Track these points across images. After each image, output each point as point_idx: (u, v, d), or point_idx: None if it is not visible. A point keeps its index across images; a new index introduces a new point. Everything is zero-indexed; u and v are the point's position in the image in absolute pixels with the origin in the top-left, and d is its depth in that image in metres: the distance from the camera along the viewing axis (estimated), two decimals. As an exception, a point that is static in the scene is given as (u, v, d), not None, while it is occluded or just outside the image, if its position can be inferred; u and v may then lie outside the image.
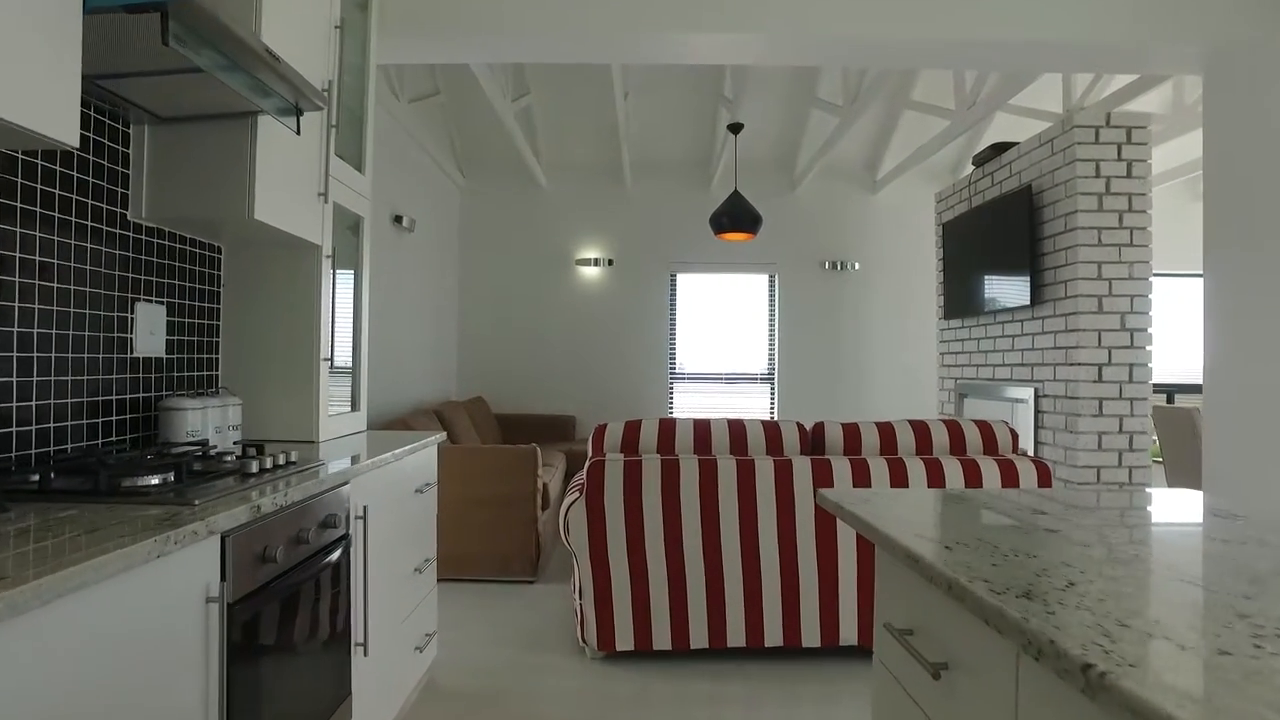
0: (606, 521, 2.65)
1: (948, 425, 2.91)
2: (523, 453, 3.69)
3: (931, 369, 6.85)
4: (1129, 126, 3.92)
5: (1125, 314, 3.90)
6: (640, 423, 2.83)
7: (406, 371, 5.14)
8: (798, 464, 2.70)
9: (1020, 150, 4.46)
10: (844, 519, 1.34)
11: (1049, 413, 4.14)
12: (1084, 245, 3.89)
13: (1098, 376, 3.88)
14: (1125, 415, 3.89)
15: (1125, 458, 3.89)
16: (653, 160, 6.72)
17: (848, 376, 6.84)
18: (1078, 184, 3.89)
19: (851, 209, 6.88)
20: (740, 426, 2.85)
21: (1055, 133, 4.07)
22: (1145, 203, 3.92)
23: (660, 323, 6.82)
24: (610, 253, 6.80)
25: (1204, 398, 3.00)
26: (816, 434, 2.90)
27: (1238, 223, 2.86)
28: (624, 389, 6.77)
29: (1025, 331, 4.39)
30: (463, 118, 6.08)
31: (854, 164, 6.83)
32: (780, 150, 6.61)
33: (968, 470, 2.74)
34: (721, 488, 2.66)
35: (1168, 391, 6.10)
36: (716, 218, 5.05)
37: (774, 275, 6.93)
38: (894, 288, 6.87)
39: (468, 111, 5.99)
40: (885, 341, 6.86)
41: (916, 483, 2.71)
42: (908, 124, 6.17)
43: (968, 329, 5.21)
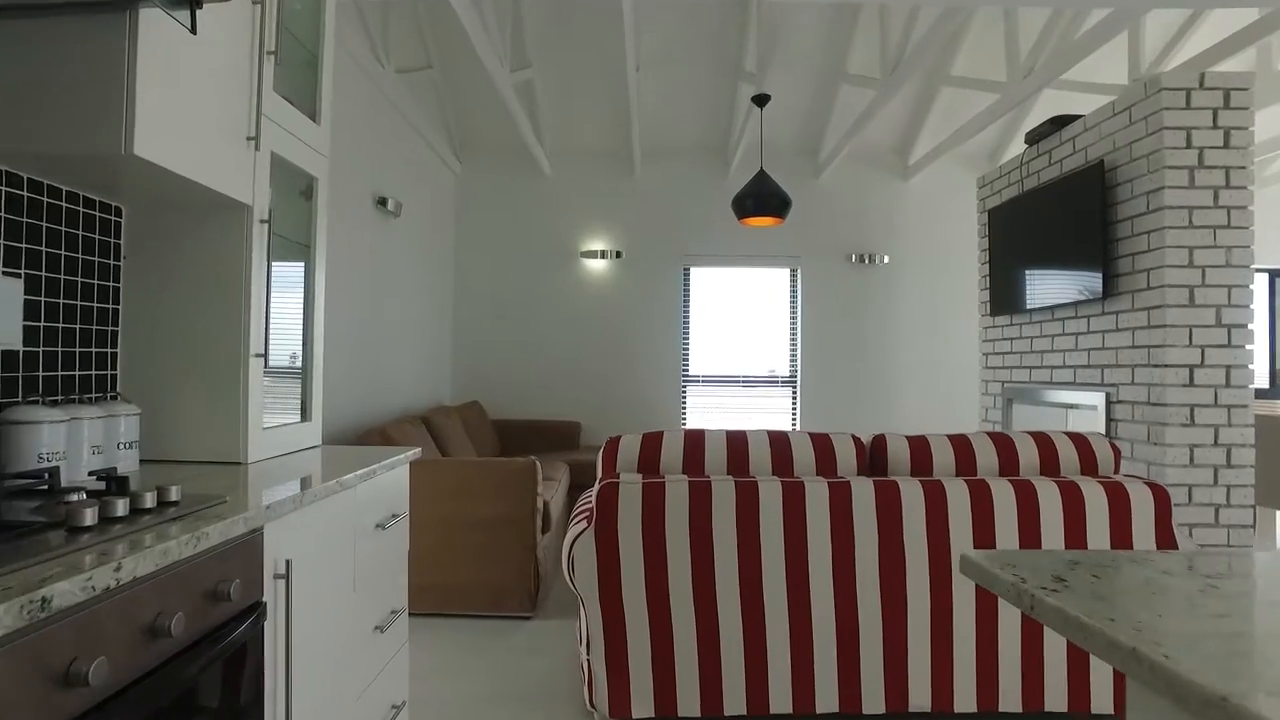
0: (621, 558, 2.12)
1: (1036, 439, 2.38)
2: (520, 468, 3.16)
3: (971, 372, 6.30)
4: (1227, 89, 3.38)
5: (1221, 307, 3.35)
6: (661, 436, 2.30)
7: (392, 373, 4.62)
8: (857, 487, 2.17)
9: (1087, 123, 3.92)
10: (1041, 618, 0.81)
11: (1125, 421, 3.60)
12: (1172, 228, 3.35)
13: (1189, 380, 3.34)
14: (1222, 425, 3.35)
15: (1222, 475, 3.35)
16: (665, 144, 6.19)
17: (877, 380, 6.30)
18: (1165, 156, 3.35)
19: (881, 197, 6.35)
20: (784, 440, 2.32)
21: (1135, 97, 3.53)
22: (1246, 177, 3.37)
23: (672, 320, 6.30)
24: (619, 244, 6.27)
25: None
26: (877, 449, 2.37)
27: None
28: (632, 393, 6.24)
29: (1093, 329, 3.85)
30: (459, 96, 5.57)
31: (884, 149, 6.29)
32: (805, 134, 6.07)
33: (1066, 496, 2.20)
34: (764, 517, 2.13)
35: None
36: (740, 200, 4.52)
37: (796, 269, 6.39)
38: (928, 282, 6.32)
39: (464, 89, 5.48)
40: (918, 341, 6.31)
41: (1005, 511, 2.18)
42: (945, 103, 5.63)
43: (1018, 326, 4.67)
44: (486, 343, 6.19)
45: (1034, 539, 2.18)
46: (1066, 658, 2.20)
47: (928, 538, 2.17)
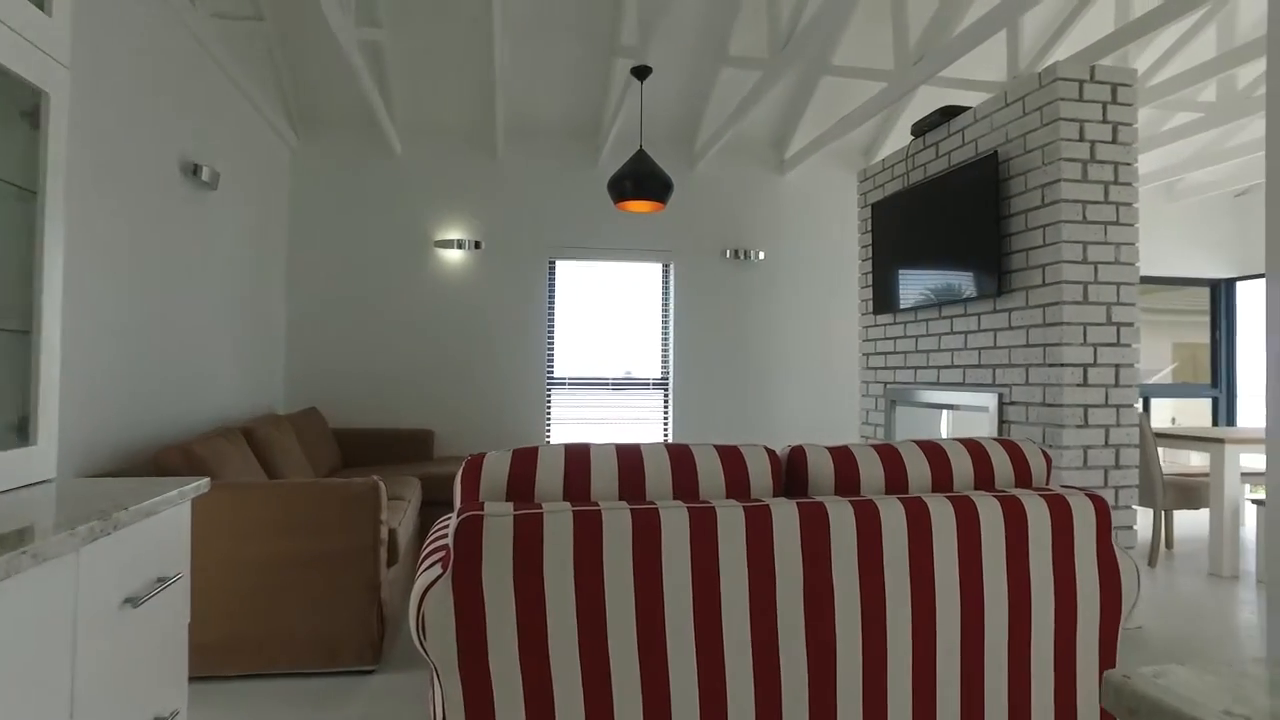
0: (487, 613, 1.65)
1: (969, 449, 2.09)
2: (359, 491, 2.60)
3: (853, 373, 6.19)
4: (1114, 83, 3.30)
5: (1111, 305, 3.26)
6: (536, 453, 1.84)
7: (205, 376, 3.89)
8: (778, 511, 1.79)
9: (977, 114, 3.78)
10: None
11: (1018, 423, 3.46)
12: (1068, 222, 3.22)
13: (1082, 379, 3.22)
14: (1111, 425, 3.25)
15: (1111, 476, 3.26)
16: (531, 124, 5.70)
17: (754, 382, 6.07)
18: (1060, 148, 3.22)
19: (757, 192, 6.13)
20: (687, 457, 1.91)
21: (1029, 88, 3.40)
22: (1132, 174, 3.30)
23: (536, 318, 5.82)
24: (478, 234, 5.73)
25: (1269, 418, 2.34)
26: (796, 465, 2.01)
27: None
28: (492, 397, 5.71)
29: (984, 327, 3.71)
30: (296, 59, 4.86)
31: (761, 141, 6.08)
32: (681, 120, 5.76)
33: (1008, 512, 1.92)
34: (667, 552, 1.71)
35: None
36: (618, 181, 4.12)
37: (669, 265, 6.08)
38: (806, 280, 6.16)
39: (302, 51, 4.78)
40: (797, 342, 6.14)
41: (944, 532, 1.87)
42: (824, 94, 5.47)
43: (902, 325, 4.52)
44: (327, 341, 5.48)
45: (975, 561, 1.89)
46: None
47: (859, 568, 1.82)
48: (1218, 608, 3.61)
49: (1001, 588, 1.91)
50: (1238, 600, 3.76)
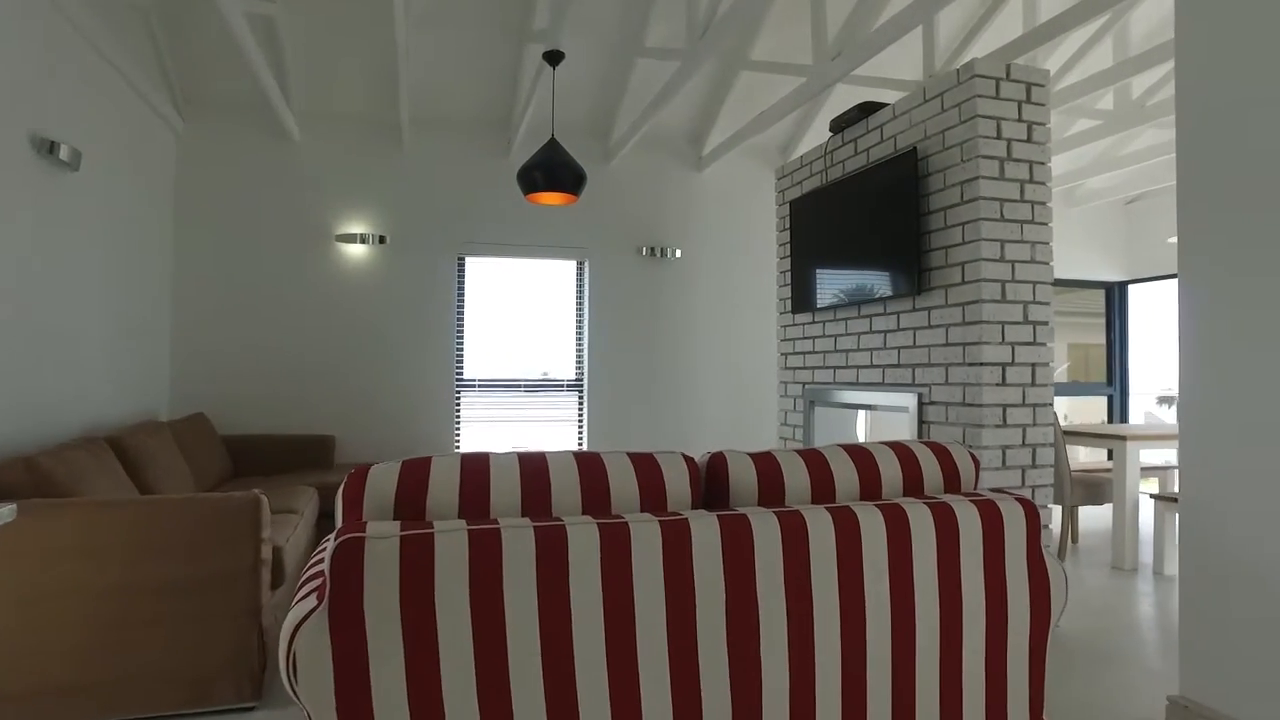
0: (370, 650, 1.44)
1: (897, 453, 1.99)
2: (236, 505, 2.33)
3: (771, 373, 6.13)
4: (1028, 83, 3.30)
5: (1028, 304, 3.26)
6: (428, 464, 1.64)
7: (69, 380, 3.50)
8: (698, 526, 1.64)
9: (895, 110, 3.74)
10: None
11: (938, 423, 3.43)
12: (987, 220, 3.20)
13: (1001, 379, 3.20)
14: (1029, 425, 3.25)
15: (1028, 475, 3.25)
16: (439, 113, 5.43)
17: (671, 383, 5.95)
18: (979, 145, 3.20)
19: (674, 188, 6.02)
20: (597, 466, 1.74)
21: (947, 84, 3.37)
22: (1045, 173, 3.31)
23: (445, 317, 5.55)
24: (382, 228, 5.42)
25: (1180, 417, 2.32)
26: (716, 473, 1.86)
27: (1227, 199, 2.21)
28: (398, 400, 5.41)
29: (904, 326, 3.67)
30: (178, 34, 4.46)
31: (677, 136, 5.96)
32: (596, 113, 5.59)
33: (939, 519, 1.83)
34: (575, 574, 1.54)
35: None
36: (527, 172, 3.91)
37: (583, 262, 5.90)
38: (723, 279, 6.08)
39: (186, 26, 4.39)
40: (715, 341, 6.05)
41: (874, 543, 1.75)
42: (743, 89, 5.39)
43: (820, 324, 4.47)
44: (218, 341, 5.07)
45: (906, 571, 1.78)
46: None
47: (785, 583, 1.69)
48: (1124, 602, 3.66)
49: (933, 598, 1.81)
50: (1138, 592, 3.83)
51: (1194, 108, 2.19)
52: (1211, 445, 2.15)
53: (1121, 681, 2.70)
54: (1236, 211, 2.07)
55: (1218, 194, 2.12)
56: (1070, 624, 3.32)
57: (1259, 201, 2.01)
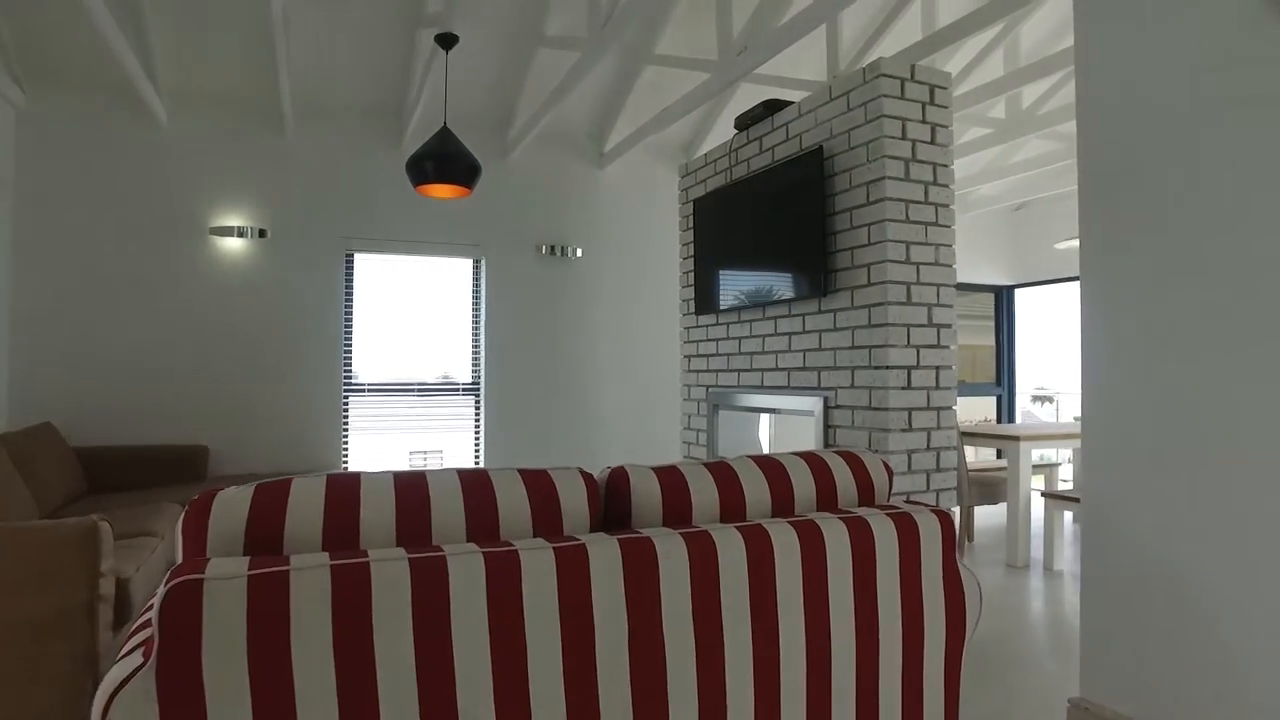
0: (209, 713, 1.20)
1: (810, 464, 1.88)
2: (67, 534, 2.01)
3: (676, 376, 6.02)
4: (932, 85, 3.29)
5: (932, 306, 3.24)
6: (287, 489, 1.40)
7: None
8: (596, 551, 1.47)
9: (801, 108, 3.68)
10: None
11: (844, 427, 3.38)
12: (892, 221, 3.16)
13: (906, 382, 3.17)
14: (933, 428, 3.23)
15: (933, 479, 3.23)
16: (325, 99, 5.07)
17: (572, 385, 5.76)
18: (885, 145, 3.16)
19: (574, 185, 5.84)
20: (484, 486, 1.54)
21: (854, 83, 3.32)
22: (949, 176, 3.30)
23: (331, 317, 5.20)
24: (262, 221, 5.02)
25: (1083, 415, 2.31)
26: (616, 491, 1.70)
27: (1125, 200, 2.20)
28: (279, 407, 5.02)
29: (809, 328, 3.61)
30: None
31: (578, 132, 5.78)
32: (494, 105, 5.35)
33: (855, 537, 1.72)
34: (458, 613, 1.34)
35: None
36: (417, 162, 3.66)
37: (480, 260, 5.65)
38: (624, 279, 5.93)
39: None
40: (616, 343, 5.89)
41: (788, 563, 1.62)
42: (647, 85, 5.26)
43: (724, 326, 4.38)
44: (69, 342, 4.56)
45: (821, 592, 1.66)
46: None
47: (693, 609, 1.54)
48: (1021, 600, 3.71)
49: (849, 618, 1.70)
50: (1031, 589, 3.90)
51: (1093, 113, 2.17)
52: (1113, 447, 2.13)
53: (1023, 685, 2.69)
54: (1136, 215, 2.05)
55: (1117, 198, 2.10)
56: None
57: (1158, 205, 1.99)
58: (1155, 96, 2.00)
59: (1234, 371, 1.83)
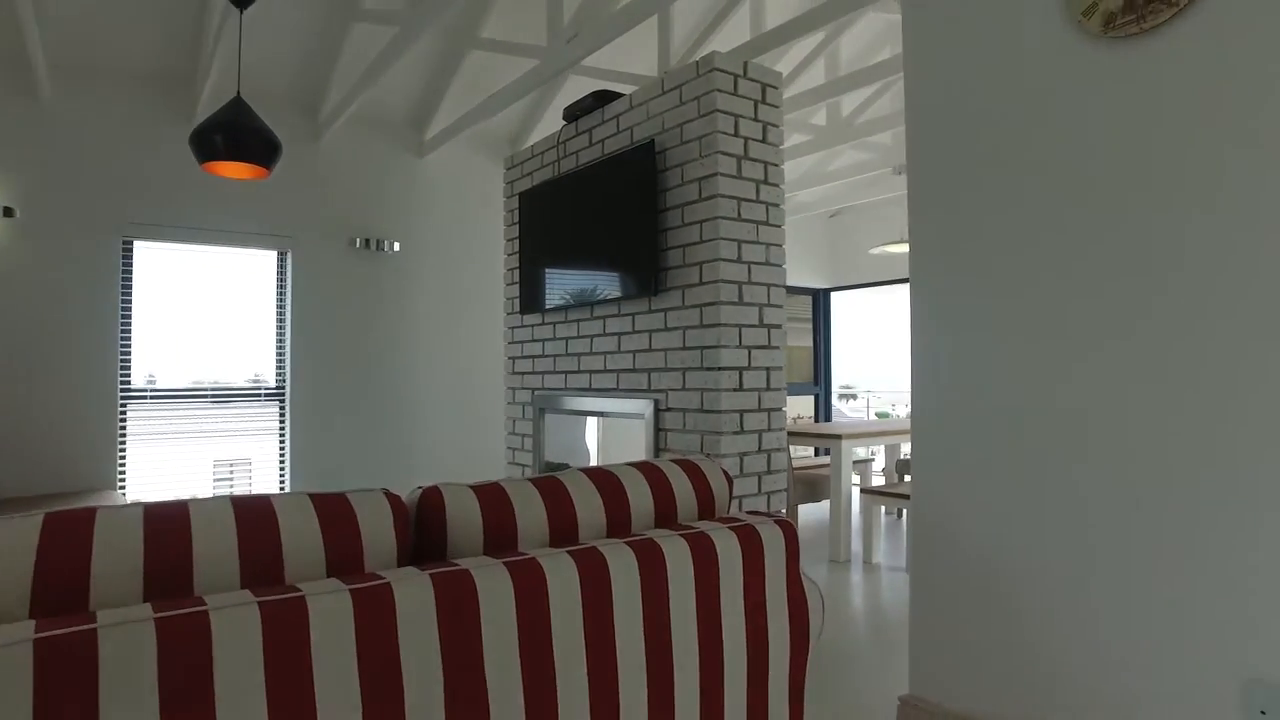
0: None
1: (647, 476, 1.72)
2: None
3: (500, 379, 5.73)
4: (764, 83, 3.26)
5: (763, 306, 3.21)
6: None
7: None
8: (404, 591, 1.23)
9: (633, 100, 3.56)
10: None
11: (675, 431, 3.28)
12: (725, 218, 3.09)
13: (738, 384, 3.11)
14: (764, 431, 3.20)
15: (765, 482, 3.20)
16: (93, 58, 4.37)
17: (390, 390, 5.34)
18: (718, 140, 3.08)
19: (393, 174, 5.42)
20: (262, 518, 1.26)
21: (686, 76, 3.23)
22: (779, 175, 3.29)
23: (105, 314, 4.50)
24: (9, 198, 4.25)
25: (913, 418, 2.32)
26: (429, 516, 1.45)
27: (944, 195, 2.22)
28: (38, 416, 4.27)
29: (639, 328, 3.48)
30: None
31: (399, 117, 5.38)
32: (304, 84, 4.85)
33: (698, 554, 1.57)
34: (223, 679, 1.06)
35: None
36: (204, 135, 3.17)
37: (286, 253, 5.12)
38: (447, 276, 5.58)
39: None
40: (439, 344, 5.53)
41: (626, 590, 1.45)
42: (472, 70, 4.96)
43: (551, 326, 4.18)
44: None
45: (662, 613, 1.50)
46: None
47: (520, 647, 1.33)
48: (845, 596, 3.78)
49: (691, 640, 1.56)
50: (854, 584, 4.00)
51: (922, 119, 2.17)
52: (942, 449, 2.14)
53: (853, 683, 2.68)
54: (963, 220, 2.07)
55: (946, 203, 2.11)
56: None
57: (984, 210, 2.01)
58: (980, 103, 2.02)
59: (1057, 375, 1.86)
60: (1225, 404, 1.57)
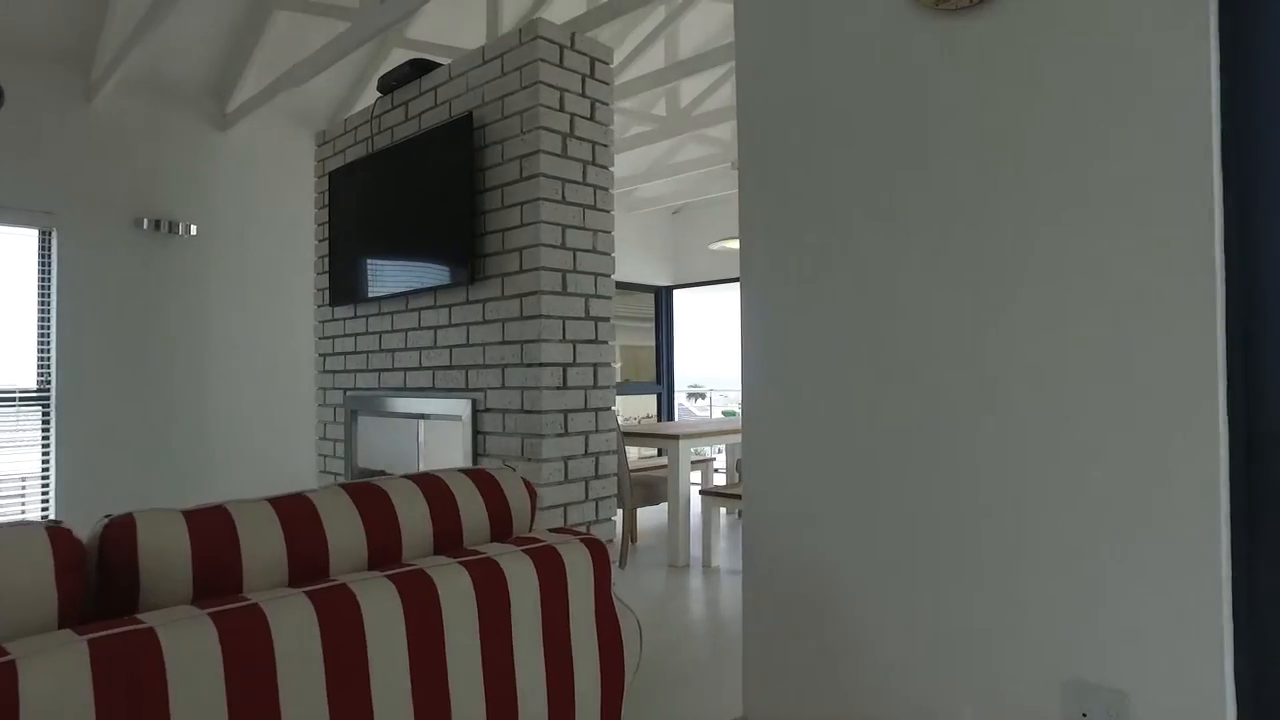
0: None
1: (424, 490, 1.42)
2: None
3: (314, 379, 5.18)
4: (593, 57, 3.01)
5: (590, 297, 2.96)
6: None
7: None
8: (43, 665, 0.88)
9: (452, 71, 3.22)
10: None
11: (494, 434, 2.97)
12: (547, 200, 2.82)
13: (562, 381, 2.85)
14: (591, 432, 2.95)
15: (592, 487, 2.96)
16: None
17: (186, 392, 4.69)
18: (540, 115, 2.81)
19: (188, 148, 4.77)
20: None
21: (509, 45, 2.93)
22: (608, 157, 3.06)
23: None
24: None
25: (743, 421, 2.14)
26: (115, 556, 1.09)
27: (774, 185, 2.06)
28: None
29: (456, 321, 3.15)
30: None
31: (195, 84, 4.74)
32: (68, 30, 4.14)
33: (484, 585, 1.29)
34: None
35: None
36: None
37: (50, 232, 4.38)
38: (254, 264, 4.98)
39: None
40: (243, 341, 4.92)
41: (386, 638, 1.15)
42: (280, 34, 4.43)
43: (364, 319, 3.76)
44: None
45: (435, 666, 1.21)
46: None
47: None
48: (683, 604, 3.62)
49: (476, 694, 1.28)
50: (692, 591, 3.85)
51: (752, 112, 2.00)
52: (768, 449, 1.97)
53: (688, 705, 2.49)
54: (792, 207, 1.90)
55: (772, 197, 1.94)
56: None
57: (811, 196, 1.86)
58: (810, 92, 1.86)
59: (883, 376, 1.72)
60: (1048, 417, 1.47)
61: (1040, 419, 1.48)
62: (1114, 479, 1.40)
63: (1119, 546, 1.39)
